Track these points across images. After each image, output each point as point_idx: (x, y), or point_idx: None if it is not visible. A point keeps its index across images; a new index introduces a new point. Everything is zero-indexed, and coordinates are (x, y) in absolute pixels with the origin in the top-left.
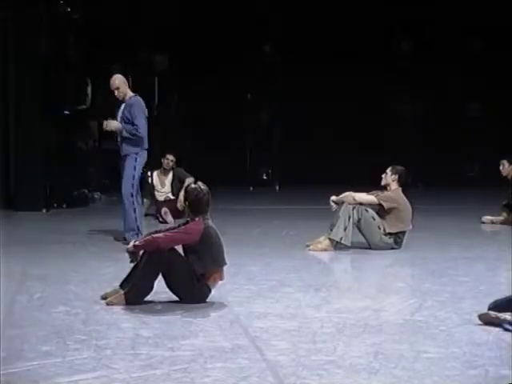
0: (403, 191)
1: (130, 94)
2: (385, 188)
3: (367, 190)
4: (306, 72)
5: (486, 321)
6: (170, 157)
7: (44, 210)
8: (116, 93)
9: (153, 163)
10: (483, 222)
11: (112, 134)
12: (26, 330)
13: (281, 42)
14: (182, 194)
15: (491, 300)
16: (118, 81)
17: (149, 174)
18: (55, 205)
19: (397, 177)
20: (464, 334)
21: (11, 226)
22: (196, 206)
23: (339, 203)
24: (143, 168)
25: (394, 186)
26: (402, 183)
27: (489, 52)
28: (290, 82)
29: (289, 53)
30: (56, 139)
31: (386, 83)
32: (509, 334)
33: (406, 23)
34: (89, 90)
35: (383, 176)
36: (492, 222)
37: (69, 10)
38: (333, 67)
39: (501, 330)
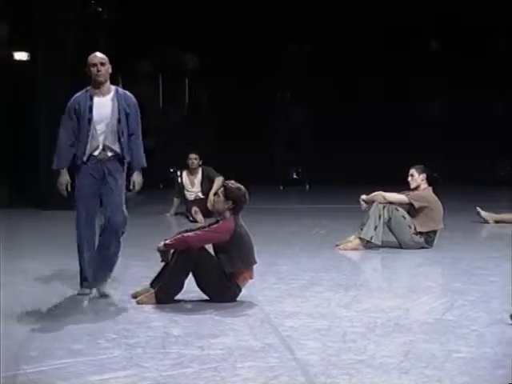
0: (433, 190)
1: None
2: (415, 190)
3: (397, 190)
4: (335, 71)
5: None
6: (193, 156)
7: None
8: (101, 70)
9: (181, 163)
10: (483, 218)
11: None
12: (58, 328)
13: (309, 40)
14: (211, 193)
15: None
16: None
17: (178, 173)
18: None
19: (425, 176)
20: (495, 334)
21: (41, 225)
22: (240, 204)
23: (369, 202)
24: (172, 167)
25: (424, 185)
26: (431, 182)
27: None
28: (319, 80)
29: (318, 51)
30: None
31: (414, 82)
32: None
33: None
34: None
35: (410, 179)
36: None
37: (100, 9)
38: (361, 66)
39: None
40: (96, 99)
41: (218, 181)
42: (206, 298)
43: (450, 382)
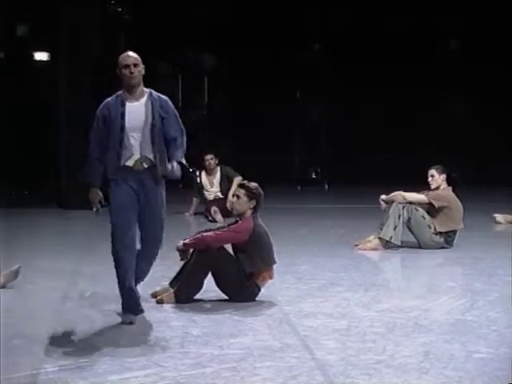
0: (453, 190)
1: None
2: (435, 190)
3: (417, 190)
4: (354, 72)
5: None
6: (209, 156)
7: (95, 209)
8: (134, 72)
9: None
10: (498, 222)
11: None
12: (77, 327)
13: (330, 40)
14: (230, 193)
15: None
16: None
17: (197, 173)
18: (106, 203)
19: (445, 176)
20: None
21: (63, 224)
22: (260, 203)
23: (389, 202)
24: (191, 167)
25: (444, 185)
26: (450, 182)
27: None
28: (338, 81)
29: (337, 52)
30: None
31: (437, 82)
32: None
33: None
34: None
35: (430, 180)
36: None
37: (119, 9)
38: (381, 67)
39: None
40: (128, 104)
41: (237, 181)
42: (225, 297)
43: (470, 383)
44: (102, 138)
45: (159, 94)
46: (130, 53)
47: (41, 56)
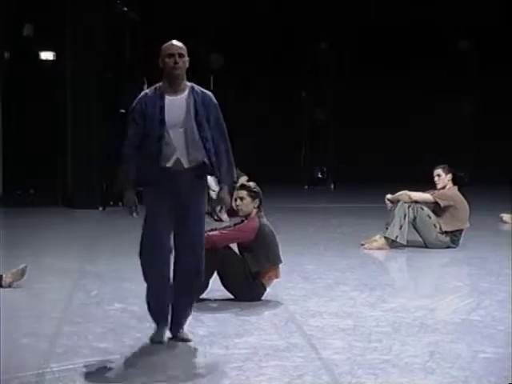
0: (459, 189)
1: None
2: (442, 189)
3: (422, 189)
4: (360, 70)
5: None
6: None
7: (100, 208)
8: (179, 63)
9: None
10: (505, 222)
11: None
12: (83, 326)
13: (336, 39)
14: (236, 192)
15: None
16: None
17: None
18: (111, 203)
19: (451, 176)
20: None
21: (69, 223)
22: (262, 200)
23: (395, 202)
24: None
25: (450, 185)
26: (456, 181)
27: None
28: (344, 80)
29: (344, 51)
30: (112, 138)
31: (442, 83)
32: None
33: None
34: (145, 88)
35: (436, 179)
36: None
37: (125, 9)
38: (387, 66)
39: None
40: (168, 98)
41: (242, 181)
42: (230, 297)
43: (477, 383)
44: (137, 135)
45: (202, 89)
46: (175, 41)
47: (47, 55)
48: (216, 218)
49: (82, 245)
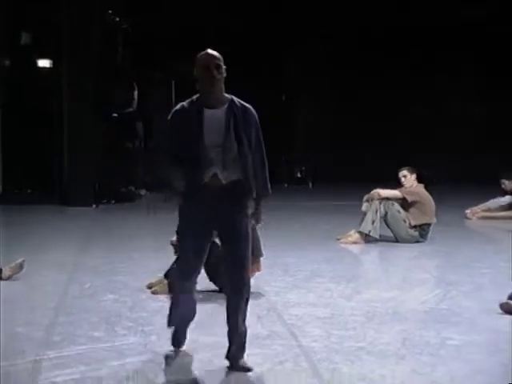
0: (425, 187)
1: None
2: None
3: (393, 188)
4: (338, 71)
5: (507, 309)
6: None
7: (94, 206)
8: (215, 76)
9: None
10: (469, 218)
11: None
12: (78, 316)
13: (315, 40)
14: None
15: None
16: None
17: None
18: (104, 201)
19: (415, 176)
20: (486, 322)
21: (64, 220)
22: None
23: (370, 201)
24: None
25: (416, 183)
26: (422, 179)
27: None
28: (323, 81)
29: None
30: (105, 140)
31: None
32: None
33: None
34: (135, 93)
35: (403, 180)
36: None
37: (117, 19)
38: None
39: None
40: (207, 112)
41: None
42: (215, 288)
43: (444, 368)
44: (174, 148)
45: (242, 102)
46: (211, 51)
47: (44, 63)
48: None
49: (76, 240)
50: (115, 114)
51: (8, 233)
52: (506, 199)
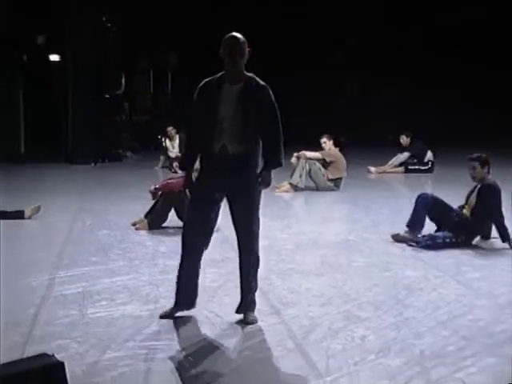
0: (340, 150)
1: None
2: (328, 150)
3: (316, 150)
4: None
5: (397, 239)
6: (170, 128)
7: (92, 164)
8: (236, 56)
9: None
10: (371, 172)
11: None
12: (81, 246)
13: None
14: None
15: (402, 226)
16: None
17: (163, 139)
18: (100, 160)
19: (332, 141)
20: (382, 249)
21: (69, 175)
22: None
23: (298, 158)
24: (159, 135)
25: (333, 147)
26: (337, 144)
27: None
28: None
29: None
30: (100, 114)
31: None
32: (411, 247)
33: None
34: (123, 80)
35: (324, 145)
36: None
37: (109, 25)
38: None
39: (406, 245)
40: (225, 87)
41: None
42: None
43: (351, 282)
44: (197, 120)
45: (259, 81)
46: (235, 34)
47: (54, 57)
48: (173, 171)
49: (79, 190)
50: (107, 96)
51: (27, 183)
52: (406, 155)
